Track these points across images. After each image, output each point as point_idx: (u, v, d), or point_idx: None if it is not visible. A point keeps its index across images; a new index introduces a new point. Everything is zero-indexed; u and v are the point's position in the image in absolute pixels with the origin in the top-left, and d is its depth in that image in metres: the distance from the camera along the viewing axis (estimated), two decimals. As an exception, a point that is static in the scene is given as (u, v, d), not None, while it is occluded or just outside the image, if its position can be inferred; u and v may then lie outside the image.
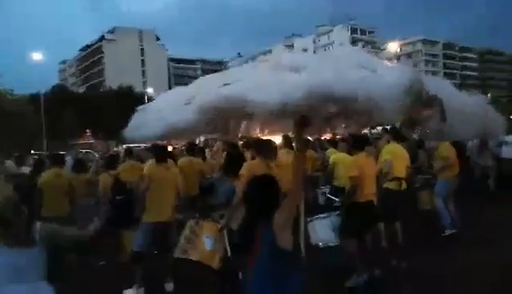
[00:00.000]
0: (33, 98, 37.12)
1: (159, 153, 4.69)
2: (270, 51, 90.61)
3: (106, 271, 5.25)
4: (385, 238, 5.27)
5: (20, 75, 53.60)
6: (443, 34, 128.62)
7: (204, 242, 3.75)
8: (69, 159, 8.08)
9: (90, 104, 43.81)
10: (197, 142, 8.66)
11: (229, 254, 3.56)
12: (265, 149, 3.90)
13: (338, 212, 4.71)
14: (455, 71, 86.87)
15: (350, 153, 5.25)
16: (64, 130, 37.56)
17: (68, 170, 6.03)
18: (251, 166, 3.77)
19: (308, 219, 4.75)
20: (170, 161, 5.05)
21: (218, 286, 3.66)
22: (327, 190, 6.26)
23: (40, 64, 34.35)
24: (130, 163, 6.22)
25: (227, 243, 3.64)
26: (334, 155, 6.45)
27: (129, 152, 6.87)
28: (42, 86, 40.17)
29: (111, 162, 6.35)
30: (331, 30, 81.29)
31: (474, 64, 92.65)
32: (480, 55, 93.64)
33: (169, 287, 4.53)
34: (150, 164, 4.81)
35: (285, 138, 5.70)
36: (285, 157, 5.06)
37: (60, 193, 5.11)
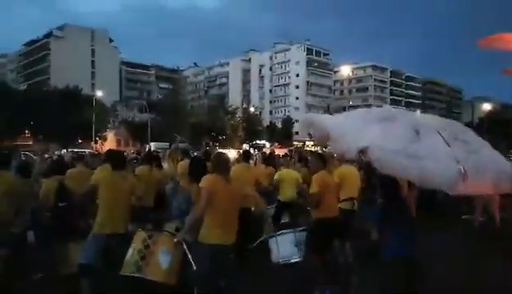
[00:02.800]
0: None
1: (115, 160, 4.38)
2: (227, 64, 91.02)
3: (44, 284, 4.71)
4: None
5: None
6: (388, 61, 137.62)
7: (161, 259, 3.49)
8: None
9: (31, 103, 40.64)
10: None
11: (194, 267, 3.44)
12: (221, 165, 3.81)
13: (302, 228, 4.87)
14: (400, 98, 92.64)
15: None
16: (0, 128, 34.58)
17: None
18: (211, 180, 3.66)
19: (270, 235, 4.90)
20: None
21: None
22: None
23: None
24: (79, 169, 5.88)
25: (189, 255, 3.46)
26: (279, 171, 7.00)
27: (80, 157, 6.54)
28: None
29: (57, 166, 5.91)
30: (289, 49, 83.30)
31: (418, 93, 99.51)
32: (423, 84, 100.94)
33: None
34: (102, 169, 4.46)
35: (244, 152, 6.24)
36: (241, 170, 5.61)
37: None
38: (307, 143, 57.27)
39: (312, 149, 26.33)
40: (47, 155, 10.89)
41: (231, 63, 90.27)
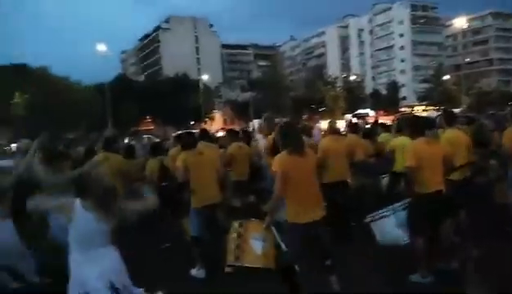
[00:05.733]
0: (99, 88, 39.66)
1: (184, 140, 4.75)
2: (324, 33, 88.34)
3: (172, 253, 5.36)
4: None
5: (88, 66, 57.24)
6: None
7: (253, 245, 3.66)
8: (138, 145, 8.40)
9: (149, 92, 45.93)
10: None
11: (283, 248, 3.45)
12: (289, 140, 3.51)
13: (400, 204, 4.34)
14: (530, 46, 78.52)
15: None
16: (126, 117, 39.82)
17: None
18: (281, 161, 3.44)
19: (370, 218, 4.49)
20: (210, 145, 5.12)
21: (280, 282, 3.49)
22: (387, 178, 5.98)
23: (104, 55, 36.32)
24: (178, 149, 6.19)
25: (278, 238, 3.50)
26: (392, 141, 6.12)
27: (178, 138, 6.87)
28: (107, 76, 42.90)
29: (158, 148, 6.51)
30: (390, 8, 76.85)
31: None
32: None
33: (228, 269, 4.59)
34: (180, 152, 4.80)
35: (330, 124, 5.65)
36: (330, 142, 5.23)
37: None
38: (416, 108, 53.09)
39: (423, 114, 24.15)
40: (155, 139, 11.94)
41: (328, 31, 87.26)
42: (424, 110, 43.41)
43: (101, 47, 35.97)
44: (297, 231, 3.36)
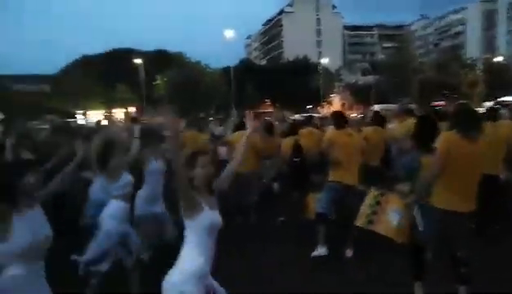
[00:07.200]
0: (225, 71, 42.58)
1: (337, 120, 4.84)
2: (464, 9, 77.89)
3: (286, 228, 5.69)
4: None
5: (215, 51, 61.87)
6: None
7: (391, 217, 3.62)
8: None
9: (270, 75, 47.42)
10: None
11: (420, 228, 3.28)
12: (463, 120, 3.15)
13: None
14: None
15: None
16: (247, 99, 42.01)
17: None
18: (448, 139, 3.12)
19: None
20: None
21: (409, 259, 3.44)
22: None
23: (231, 41, 38.81)
24: (309, 130, 6.70)
25: (419, 218, 3.32)
26: None
27: (309, 119, 7.48)
28: (232, 61, 45.80)
29: (292, 128, 6.95)
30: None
31: None
32: None
33: (349, 253, 4.55)
34: (331, 130, 4.99)
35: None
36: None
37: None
38: None
39: None
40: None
41: (470, 7, 76.61)
42: None
43: (229, 34, 38.36)
44: (439, 216, 3.10)
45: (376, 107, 36.08)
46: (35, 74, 40.64)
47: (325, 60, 51.94)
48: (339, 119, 4.85)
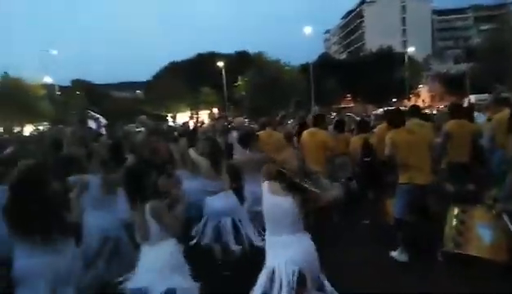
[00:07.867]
0: (304, 67, 42.33)
1: (390, 118, 4.61)
2: None
3: (370, 230, 5.44)
4: None
5: (295, 48, 61.85)
6: None
7: (480, 234, 3.27)
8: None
9: (350, 69, 45.90)
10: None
11: None
12: None
13: None
14: None
15: None
16: (328, 95, 41.27)
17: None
18: None
19: None
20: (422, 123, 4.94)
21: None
22: None
23: (310, 37, 38.52)
24: (383, 127, 6.18)
25: (510, 226, 2.99)
26: None
27: (385, 116, 6.86)
28: (311, 57, 45.34)
29: (364, 126, 6.61)
30: None
31: None
32: None
33: (440, 257, 4.25)
34: (386, 130, 4.69)
35: None
36: None
37: (315, 149, 5.44)
38: None
39: None
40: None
41: None
42: None
43: (307, 30, 38.11)
44: None
45: (472, 97, 32.86)
46: (131, 81, 44.97)
47: (411, 49, 48.59)
48: (395, 117, 4.58)
